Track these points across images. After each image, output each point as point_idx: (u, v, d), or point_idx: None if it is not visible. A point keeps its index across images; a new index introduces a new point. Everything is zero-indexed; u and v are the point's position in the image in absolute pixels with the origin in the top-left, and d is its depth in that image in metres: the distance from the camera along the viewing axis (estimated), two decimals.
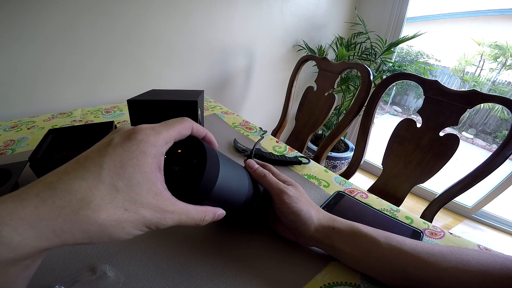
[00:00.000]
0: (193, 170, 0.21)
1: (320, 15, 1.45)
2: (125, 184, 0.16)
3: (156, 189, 0.18)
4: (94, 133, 0.51)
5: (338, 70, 0.89)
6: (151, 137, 0.18)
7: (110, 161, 0.16)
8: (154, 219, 0.18)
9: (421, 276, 0.25)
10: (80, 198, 0.15)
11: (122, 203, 0.16)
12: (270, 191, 0.30)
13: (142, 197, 0.17)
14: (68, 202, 0.15)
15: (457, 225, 1.52)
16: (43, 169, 0.40)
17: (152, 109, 0.49)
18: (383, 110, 2.87)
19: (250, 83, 1.37)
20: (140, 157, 0.17)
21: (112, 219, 0.16)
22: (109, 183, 0.16)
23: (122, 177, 0.16)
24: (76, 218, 0.15)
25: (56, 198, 0.15)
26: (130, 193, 0.16)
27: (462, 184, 0.62)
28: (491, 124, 2.27)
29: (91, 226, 0.15)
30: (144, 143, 0.17)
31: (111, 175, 0.16)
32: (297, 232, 0.31)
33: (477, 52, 1.97)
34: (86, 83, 0.82)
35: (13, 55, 0.67)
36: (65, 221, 0.14)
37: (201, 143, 0.22)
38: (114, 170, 0.16)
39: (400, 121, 0.72)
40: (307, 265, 0.31)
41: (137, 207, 0.17)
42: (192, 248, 0.32)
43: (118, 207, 0.16)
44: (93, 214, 0.15)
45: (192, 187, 0.21)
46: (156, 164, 0.18)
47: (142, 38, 0.87)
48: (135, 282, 0.27)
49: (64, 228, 0.15)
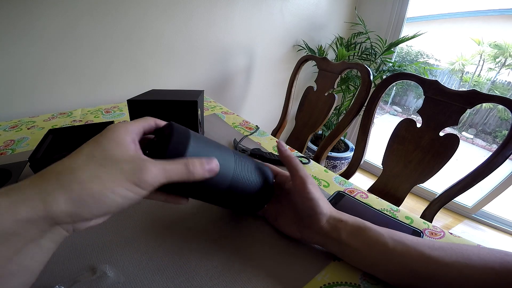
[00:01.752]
0: (164, 139, 0.23)
1: (320, 15, 1.45)
2: (101, 151, 0.19)
3: (131, 151, 0.20)
4: (94, 133, 0.50)
5: (338, 70, 0.89)
6: (121, 125, 0.22)
7: (89, 144, 0.20)
8: (135, 172, 0.19)
9: (424, 272, 0.25)
10: (62, 165, 0.18)
11: (100, 161, 0.18)
12: (294, 175, 0.31)
13: (117, 155, 0.19)
14: (52, 169, 0.18)
15: (457, 225, 1.52)
16: (43, 169, 0.40)
17: (152, 109, 0.49)
18: (383, 110, 2.87)
19: (250, 83, 1.37)
20: (113, 135, 0.20)
21: (93, 177, 0.18)
22: (87, 154, 0.19)
23: (98, 148, 0.19)
24: (58, 181, 0.17)
25: (45, 171, 0.18)
26: (106, 155, 0.19)
27: (462, 184, 0.62)
28: (491, 124, 2.27)
29: (73, 186, 0.17)
30: (115, 128, 0.21)
31: (90, 150, 0.19)
32: (307, 222, 0.31)
33: (477, 52, 1.97)
34: (86, 83, 0.82)
35: (14, 55, 0.67)
36: (48, 184, 0.17)
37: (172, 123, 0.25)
38: (92, 146, 0.20)
39: (400, 121, 0.72)
40: (307, 265, 0.31)
41: (113, 163, 0.19)
42: (192, 248, 0.32)
43: (95, 165, 0.18)
44: (71, 175, 0.17)
45: (163, 149, 0.22)
46: (130, 139, 0.21)
47: (142, 38, 0.87)
48: (135, 282, 0.27)
49: (48, 190, 0.16)
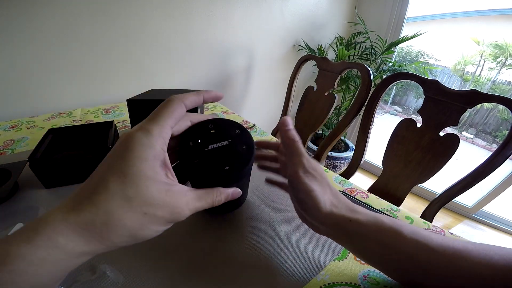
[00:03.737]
0: (240, 159, 0.23)
1: (320, 15, 1.45)
2: (135, 191, 0.18)
3: (165, 187, 0.19)
4: (94, 133, 0.51)
5: (338, 70, 0.88)
6: (144, 140, 0.19)
7: (114, 174, 0.18)
8: (172, 216, 0.19)
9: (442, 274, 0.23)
10: (104, 211, 0.17)
11: (140, 208, 0.18)
12: (289, 158, 0.27)
13: (155, 199, 0.18)
14: (96, 215, 0.17)
15: (457, 225, 1.52)
16: (43, 169, 0.40)
17: (152, 109, 0.49)
18: (383, 110, 2.87)
19: (250, 83, 1.37)
20: (139, 163, 0.18)
21: (137, 224, 0.18)
22: (120, 194, 0.17)
23: (129, 185, 0.17)
24: (108, 228, 0.17)
25: (87, 213, 0.17)
26: (143, 198, 0.18)
27: (462, 184, 0.62)
28: (491, 124, 2.27)
29: (124, 232, 0.17)
30: (138, 148, 0.18)
31: (119, 186, 0.17)
32: (308, 214, 0.27)
33: (477, 52, 1.97)
34: (86, 82, 0.82)
35: (13, 54, 0.67)
36: (101, 231, 0.17)
37: (247, 132, 0.24)
38: (119, 180, 0.17)
39: (400, 121, 0.72)
40: (307, 265, 0.31)
41: (154, 210, 0.18)
42: (192, 248, 0.32)
43: (137, 212, 0.18)
44: (119, 223, 0.17)
45: (235, 174, 0.22)
46: (158, 164, 0.19)
47: (142, 38, 0.87)
48: (134, 282, 0.27)
49: (103, 236, 0.17)
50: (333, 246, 0.34)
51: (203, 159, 0.22)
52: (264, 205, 0.40)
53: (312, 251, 0.33)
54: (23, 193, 0.40)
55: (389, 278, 0.30)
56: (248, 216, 0.38)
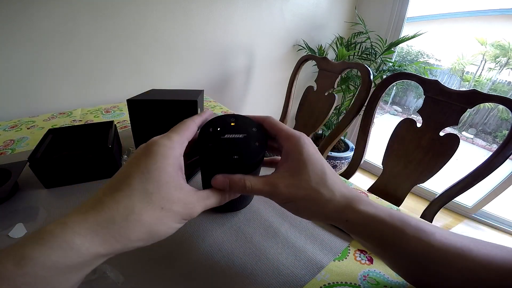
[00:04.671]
0: (250, 152, 0.24)
1: (320, 15, 1.45)
2: (155, 186, 0.19)
3: (181, 185, 0.21)
4: (94, 133, 0.51)
5: (338, 70, 0.88)
6: (167, 142, 0.21)
7: (137, 170, 0.19)
8: (186, 211, 0.21)
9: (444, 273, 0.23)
10: (124, 206, 0.18)
11: (158, 202, 0.19)
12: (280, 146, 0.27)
13: (172, 195, 0.20)
14: (116, 211, 0.17)
15: (457, 225, 1.52)
16: (43, 169, 0.40)
17: (151, 109, 0.49)
18: (383, 110, 2.87)
19: (250, 83, 1.37)
20: (161, 160, 0.20)
21: (154, 219, 0.19)
22: (141, 189, 0.19)
23: (150, 180, 0.19)
24: (128, 224, 0.18)
25: (107, 209, 0.17)
26: (162, 193, 0.19)
27: (462, 184, 0.62)
28: (491, 124, 2.26)
29: (141, 228, 0.18)
30: (162, 147, 0.21)
31: (141, 181, 0.19)
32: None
33: (479, 52, 1.96)
34: (86, 82, 0.82)
35: (13, 54, 0.67)
36: (120, 227, 0.17)
37: (264, 132, 0.26)
38: (142, 176, 0.19)
39: (400, 121, 0.72)
40: (307, 265, 0.31)
41: (171, 205, 0.20)
42: (192, 248, 0.32)
43: (155, 207, 0.19)
44: (138, 217, 0.18)
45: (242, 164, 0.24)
46: (177, 164, 0.21)
47: (142, 37, 0.87)
48: (134, 282, 0.27)
49: (121, 233, 0.17)
50: (333, 246, 0.34)
51: (216, 144, 0.24)
52: (264, 205, 0.40)
53: (312, 251, 0.33)
54: (23, 193, 0.40)
55: (389, 278, 0.30)
56: (248, 216, 0.38)
